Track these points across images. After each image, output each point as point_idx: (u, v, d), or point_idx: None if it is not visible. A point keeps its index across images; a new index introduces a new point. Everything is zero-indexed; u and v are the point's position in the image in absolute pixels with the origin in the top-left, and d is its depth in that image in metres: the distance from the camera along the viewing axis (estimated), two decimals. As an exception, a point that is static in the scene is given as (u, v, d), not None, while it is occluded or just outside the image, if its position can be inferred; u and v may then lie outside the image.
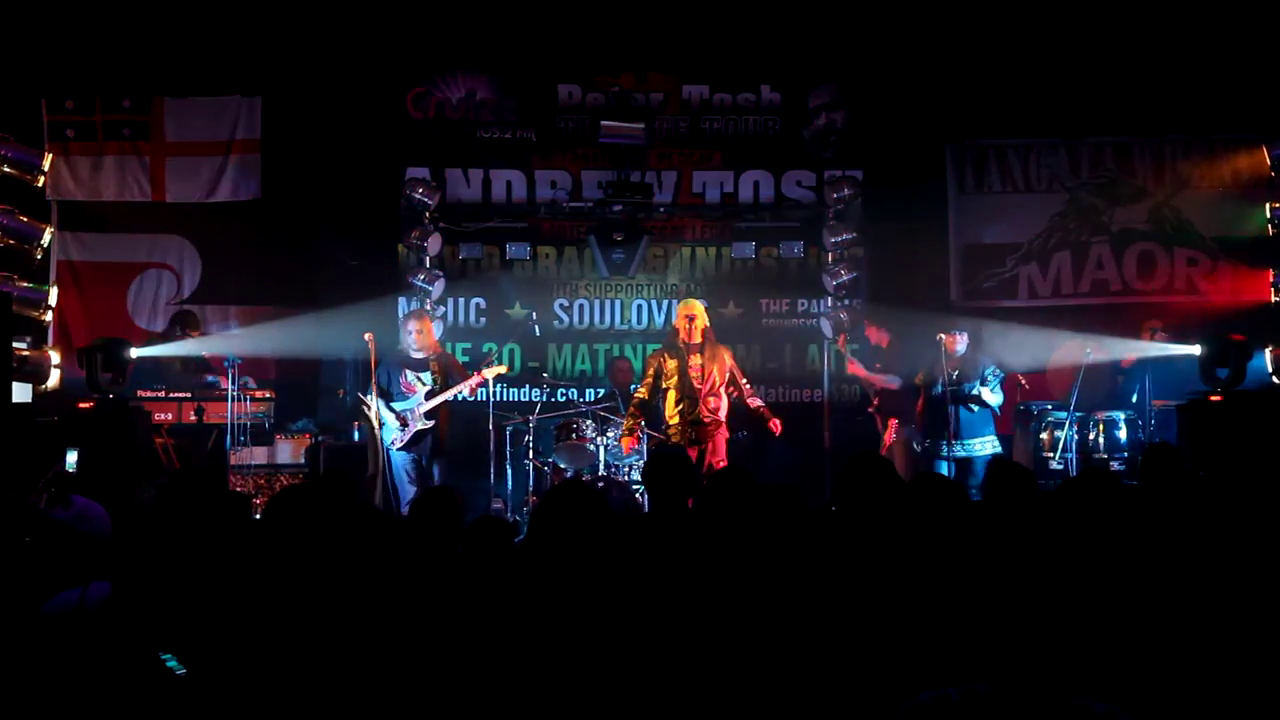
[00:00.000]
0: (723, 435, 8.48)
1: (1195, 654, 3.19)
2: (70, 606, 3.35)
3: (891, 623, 3.20)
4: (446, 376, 8.78)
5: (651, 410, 8.63)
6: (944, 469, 8.60)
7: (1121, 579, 3.47)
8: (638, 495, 8.56)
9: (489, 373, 8.93)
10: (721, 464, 8.43)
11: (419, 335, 8.76)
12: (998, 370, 8.81)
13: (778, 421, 8.51)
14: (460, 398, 9.07)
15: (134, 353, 8.80)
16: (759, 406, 8.56)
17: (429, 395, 8.64)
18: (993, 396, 8.74)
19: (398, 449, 8.56)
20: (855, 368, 9.55)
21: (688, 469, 5.06)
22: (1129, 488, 6.17)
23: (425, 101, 10.89)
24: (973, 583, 2.95)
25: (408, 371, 8.69)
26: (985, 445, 8.72)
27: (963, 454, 8.65)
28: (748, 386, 8.59)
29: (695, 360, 8.40)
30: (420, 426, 8.59)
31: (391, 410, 8.57)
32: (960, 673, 2.44)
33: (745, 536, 4.12)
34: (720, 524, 4.38)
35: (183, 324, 9.98)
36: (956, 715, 2.39)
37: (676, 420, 8.43)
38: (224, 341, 10.02)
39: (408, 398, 8.63)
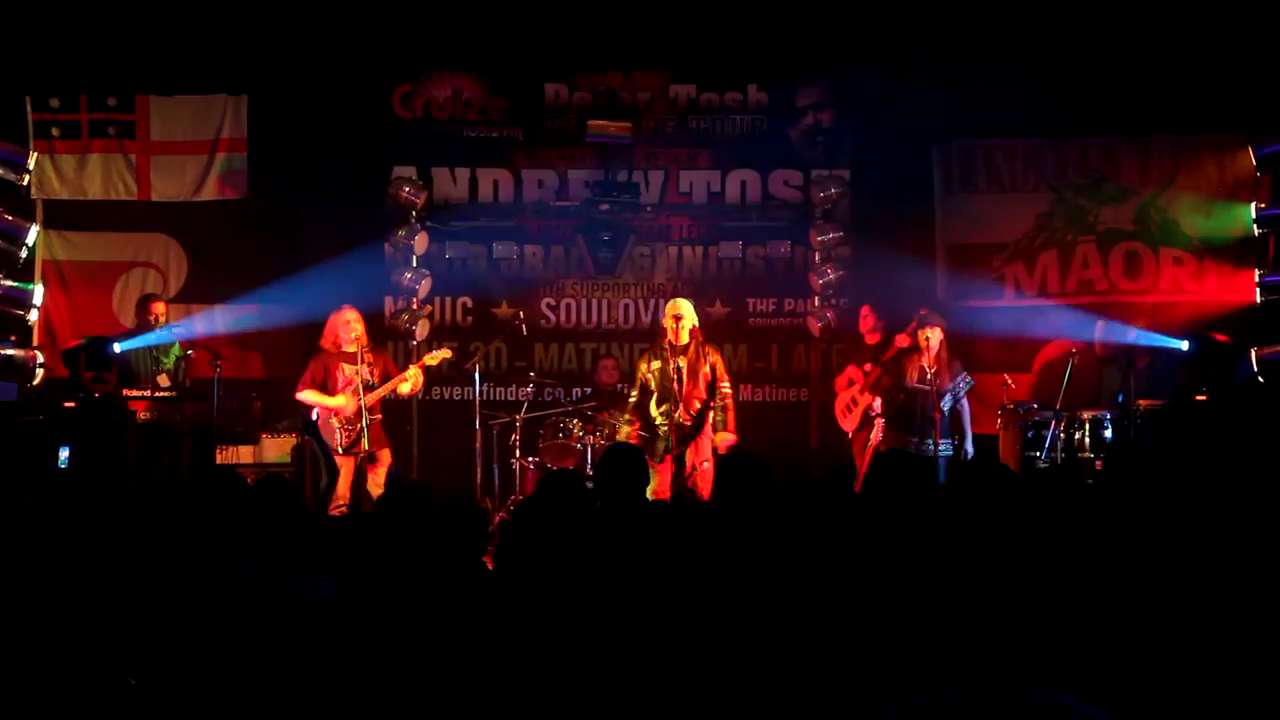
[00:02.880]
0: (706, 437, 8.47)
1: (1157, 648, 3.20)
2: None
3: (852, 630, 3.20)
4: (384, 370, 8.74)
5: (647, 412, 8.61)
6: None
7: (1079, 574, 3.47)
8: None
9: (430, 360, 8.89)
10: (705, 464, 8.44)
11: (353, 326, 8.66)
12: (969, 380, 8.90)
13: (730, 438, 8.45)
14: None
15: (118, 347, 8.79)
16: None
17: (368, 389, 8.56)
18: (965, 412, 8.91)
19: (343, 447, 8.54)
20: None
21: (639, 465, 5.08)
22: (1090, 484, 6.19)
23: (412, 100, 10.86)
24: (925, 584, 2.95)
25: (344, 365, 8.62)
26: (947, 446, 8.80)
27: (936, 452, 8.68)
28: (726, 391, 8.56)
29: (680, 362, 8.39)
30: (364, 421, 8.50)
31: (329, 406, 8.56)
32: (926, 680, 2.45)
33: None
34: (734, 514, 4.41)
35: (147, 308, 9.70)
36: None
37: (661, 421, 8.43)
38: (209, 339, 9.97)
39: (340, 394, 8.59)
